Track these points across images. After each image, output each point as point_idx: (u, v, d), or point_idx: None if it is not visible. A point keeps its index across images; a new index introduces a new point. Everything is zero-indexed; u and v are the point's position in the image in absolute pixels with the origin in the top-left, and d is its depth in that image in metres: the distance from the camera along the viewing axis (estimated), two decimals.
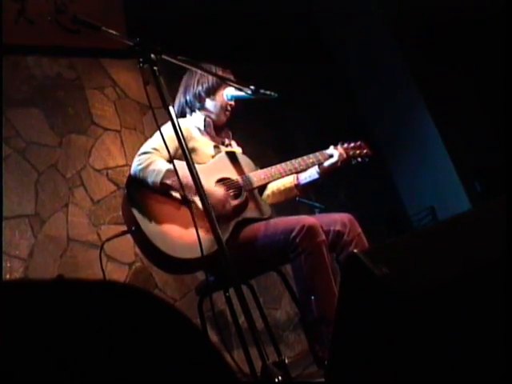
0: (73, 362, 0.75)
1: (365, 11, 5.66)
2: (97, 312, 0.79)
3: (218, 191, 2.56)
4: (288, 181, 2.92)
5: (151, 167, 2.51)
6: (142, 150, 2.60)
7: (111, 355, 0.78)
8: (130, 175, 2.59)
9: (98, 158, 3.99)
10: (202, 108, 2.82)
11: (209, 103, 2.81)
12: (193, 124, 2.80)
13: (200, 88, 2.80)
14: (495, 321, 1.39)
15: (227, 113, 2.83)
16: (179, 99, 2.87)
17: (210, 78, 2.79)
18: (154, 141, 2.63)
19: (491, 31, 5.20)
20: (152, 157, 2.54)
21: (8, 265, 3.30)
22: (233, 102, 2.83)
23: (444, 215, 5.18)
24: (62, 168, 3.79)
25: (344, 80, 5.91)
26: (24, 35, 3.74)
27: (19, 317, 0.74)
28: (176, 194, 2.51)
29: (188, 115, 2.85)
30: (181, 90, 2.88)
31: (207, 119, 2.81)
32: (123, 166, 4.05)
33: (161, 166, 2.51)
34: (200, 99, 2.81)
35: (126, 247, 3.79)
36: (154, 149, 2.57)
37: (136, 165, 2.54)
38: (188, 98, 2.83)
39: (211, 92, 2.81)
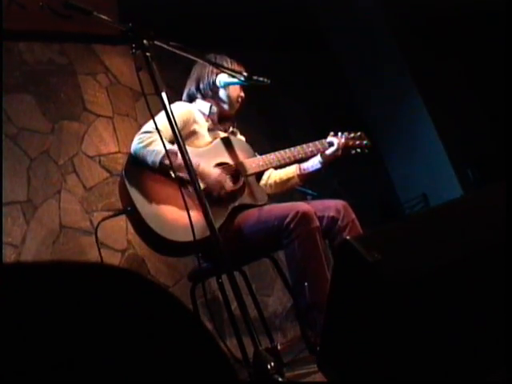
0: (68, 342, 0.75)
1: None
2: (92, 294, 0.80)
3: (215, 172, 2.58)
4: (290, 171, 2.94)
5: (151, 147, 2.50)
6: (144, 128, 2.59)
7: (106, 339, 0.79)
8: (130, 154, 2.58)
9: (90, 144, 3.97)
10: (215, 97, 2.84)
11: (222, 93, 2.83)
12: (197, 108, 2.81)
13: (215, 77, 2.81)
14: (487, 307, 1.40)
15: (238, 104, 2.85)
16: (190, 85, 2.88)
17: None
18: (158, 121, 2.63)
19: (486, 19, 5.20)
20: (153, 136, 2.53)
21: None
22: (243, 94, 2.86)
23: (436, 203, 5.19)
24: (55, 154, 3.77)
25: (337, 67, 5.90)
26: (15, 20, 3.70)
27: (14, 299, 0.74)
28: (174, 175, 2.50)
29: (198, 100, 2.86)
30: (193, 77, 2.89)
31: (213, 107, 2.82)
32: (116, 152, 4.04)
33: (161, 146, 2.50)
34: (214, 88, 2.82)
35: (119, 234, 3.79)
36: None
37: (137, 143, 2.53)
38: (202, 86, 2.84)
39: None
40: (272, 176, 2.98)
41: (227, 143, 2.78)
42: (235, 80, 2.67)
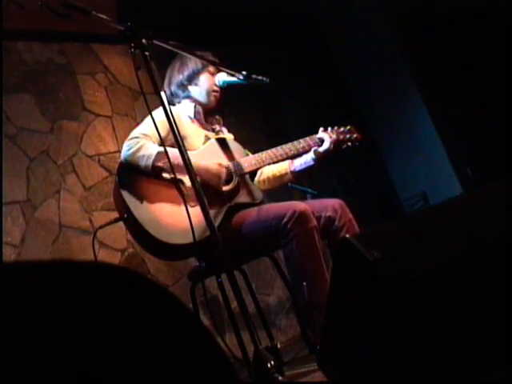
0: (67, 341, 0.75)
1: None
2: (91, 293, 0.80)
3: (212, 164, 2.58)
4: (283, 167, 2.93)
5: (141, 152, 2.50)
6: (132, 135, 2.59)
7: (105, 338, 0.78)
8: (121, 162, 2.58)
9: (89, 144, 3.97)
10: (188, 96, 2.82)
11: (193, 90, 2.81)
12: (182, 112, 2.80)
13: (181, 76, 2.80)
14: (487, 306, 1.40)
15: (215, 94, 2.82)
16: (166, 91, 2.86)
17: (190, 64, 2.78)
18: (144, 126, 2.62)
19: (486, 20, 5.20)
20: (141, 141, 2.53)
21: None
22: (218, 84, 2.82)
23: (436, 201, 5.19)
24: (54, 154, 3.77)
25: (337, 66, 5.90)
26: (14, 20, 3.70)
27: (14, 299, 0.74)
28: (168, 176, 2.50)
29: (177, 104, 2.85)
30: (165, 82, 2.87)
31: (197, 107, 2.81)
32: (115, 152, 4.04)
33: (151, 149, 2.50)
34: (184, 88, 2.81)
35: (119, 234, 3.78)
36: (144, 134, 2.56)
37: (126, 150, 2.53)
38: (173, 88, 2.83)
39: (193, 78, 2.80)
40: (264, 172, 2.98)
41: (218, 144, 2.77)
42: (234, 79, 2.66)
